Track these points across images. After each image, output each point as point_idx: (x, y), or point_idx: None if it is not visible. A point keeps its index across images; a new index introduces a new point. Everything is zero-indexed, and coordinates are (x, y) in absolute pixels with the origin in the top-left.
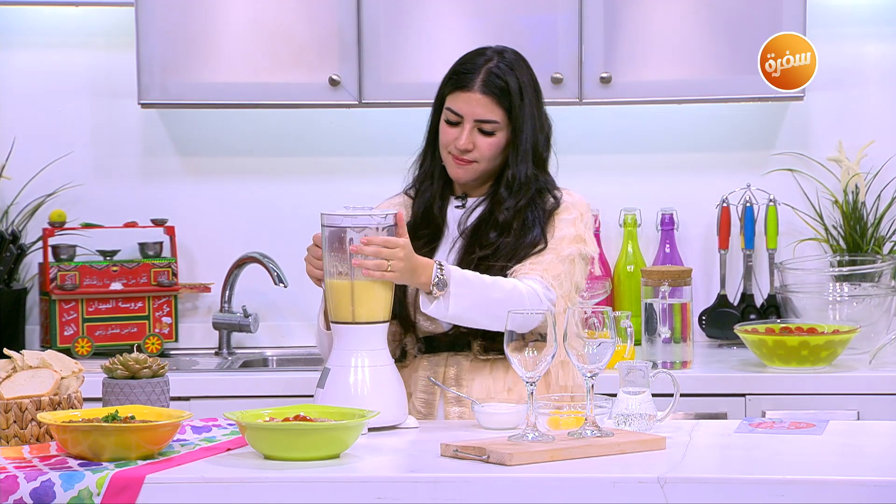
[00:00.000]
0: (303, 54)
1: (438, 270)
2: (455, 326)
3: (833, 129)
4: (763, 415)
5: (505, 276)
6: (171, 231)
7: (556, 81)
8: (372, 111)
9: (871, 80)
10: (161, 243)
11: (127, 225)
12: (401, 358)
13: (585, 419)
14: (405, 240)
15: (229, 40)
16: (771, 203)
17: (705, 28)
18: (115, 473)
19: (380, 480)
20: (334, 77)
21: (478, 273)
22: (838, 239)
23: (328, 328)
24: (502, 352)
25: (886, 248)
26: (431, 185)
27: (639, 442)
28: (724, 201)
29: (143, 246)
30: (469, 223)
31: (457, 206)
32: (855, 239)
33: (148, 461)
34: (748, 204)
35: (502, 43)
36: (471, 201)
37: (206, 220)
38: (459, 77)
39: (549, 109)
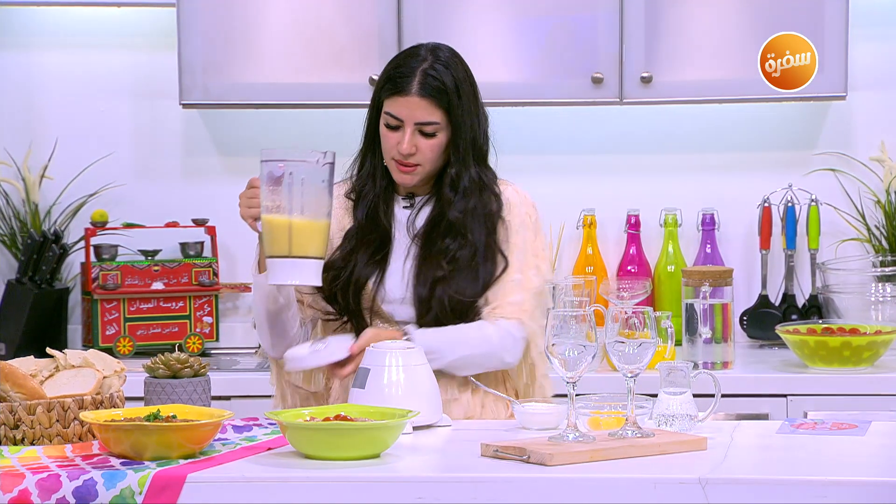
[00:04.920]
0: (343, 55)
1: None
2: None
3: (875, 129)
4: (805, 415)
5: (477, 309)
6: (211, 231)
7: (597, 81)
8: None
9: None
10: (202, 243)
11: (168, 225)
12: None
13: (626, 420)
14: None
15: (270, 41)
16: (813, 203)
17: (746, 27)
18: (156, 472)
19: (420, 480)
20: (374, 77)
21: (446, 332)
22: (881, 239)
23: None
24: None
25: None
26: (374, 186)
27: (680, 443)
28: (765, 201)
29: (184, 246)
30: (419, 226)
31: (405, 207)
32: None
33: (189, 460)
34: (790, 204)
35: (542, 43)
36: (418, 200)
37: None
38: (395, 81)
39: (590, 110)
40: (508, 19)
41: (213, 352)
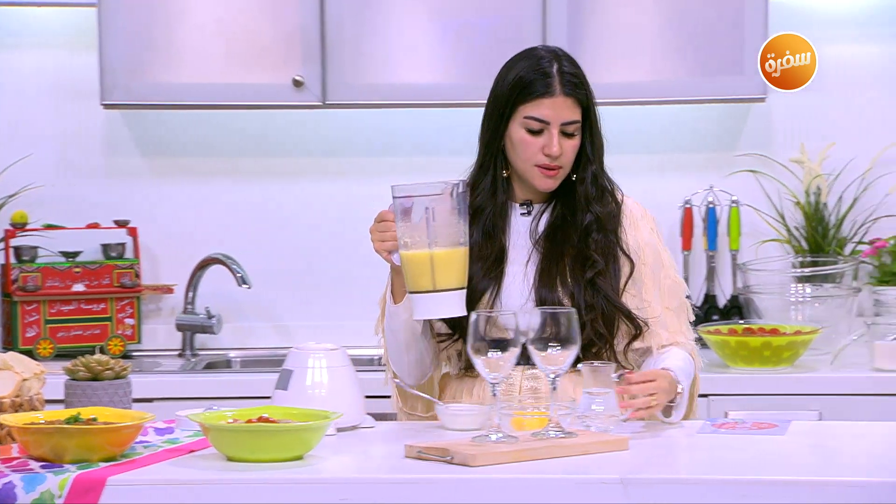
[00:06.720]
0: (266, 55)
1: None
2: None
3: (795, 131)
4: (726, 415)
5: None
6: (133, 232)
7: None
8: (335, 112)
9: (834, 83)
10: (124, 244)
11: (89, 226)
12: (469, 368)
13: (549, 420)
14: (660, 370)
15: (192, 41)
16: (733, 204)
17: (668, 30)
18: (77, 475)
19: (344, 482)
20: (298, 78)
21: (673, 359)
22: (800, 240)
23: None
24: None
25: (848, 249)
26: (493, 201)
27: (602, 443)
28: (686, 202)
29: (105, 247)
30: (541, 231)
31: (522, 214)
32: (817, 240)
33: (110, 463)
34: (711, 205)
35: (467, 45)
36: (537, 207)
37: (169, 221)
38: (536, 84)
39: None
40: (432, 20)
41: (134, 354)
